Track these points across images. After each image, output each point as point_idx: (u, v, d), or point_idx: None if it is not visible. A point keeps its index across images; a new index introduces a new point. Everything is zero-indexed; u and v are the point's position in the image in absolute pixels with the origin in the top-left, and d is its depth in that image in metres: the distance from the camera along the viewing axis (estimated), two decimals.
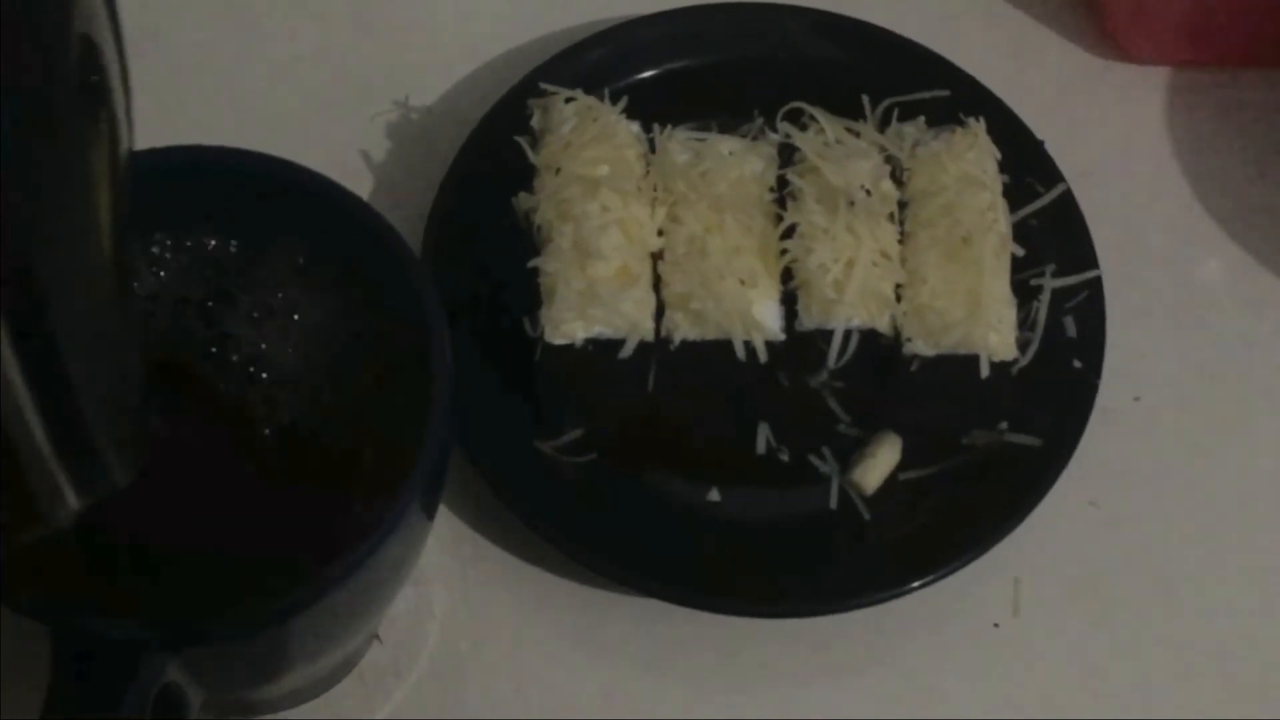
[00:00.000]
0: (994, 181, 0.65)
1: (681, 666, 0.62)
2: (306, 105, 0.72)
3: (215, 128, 0.56)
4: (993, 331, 0.62)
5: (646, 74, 0.70)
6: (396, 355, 0.51)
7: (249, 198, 0.52)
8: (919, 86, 0.69)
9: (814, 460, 0.63)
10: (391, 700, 0.61)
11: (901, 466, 0.63)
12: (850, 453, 0.63)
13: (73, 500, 0.35)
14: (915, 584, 0.60)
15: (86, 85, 0.33)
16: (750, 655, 0.62)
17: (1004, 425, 0.63)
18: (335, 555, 0.47)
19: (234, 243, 0.53)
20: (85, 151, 0.34)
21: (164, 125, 0.69)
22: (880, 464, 0.63)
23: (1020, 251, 0.65)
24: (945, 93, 0.69)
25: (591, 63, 0.69)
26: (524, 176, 0.65)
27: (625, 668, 0.62)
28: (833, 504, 0.63)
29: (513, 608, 0.62)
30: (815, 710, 0.61)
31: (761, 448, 0.64)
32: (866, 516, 0.62)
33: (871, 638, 0.62)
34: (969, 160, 0.64)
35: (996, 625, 0.63)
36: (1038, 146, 0.68)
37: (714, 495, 0.63)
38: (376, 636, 0.61)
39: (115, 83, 0.35)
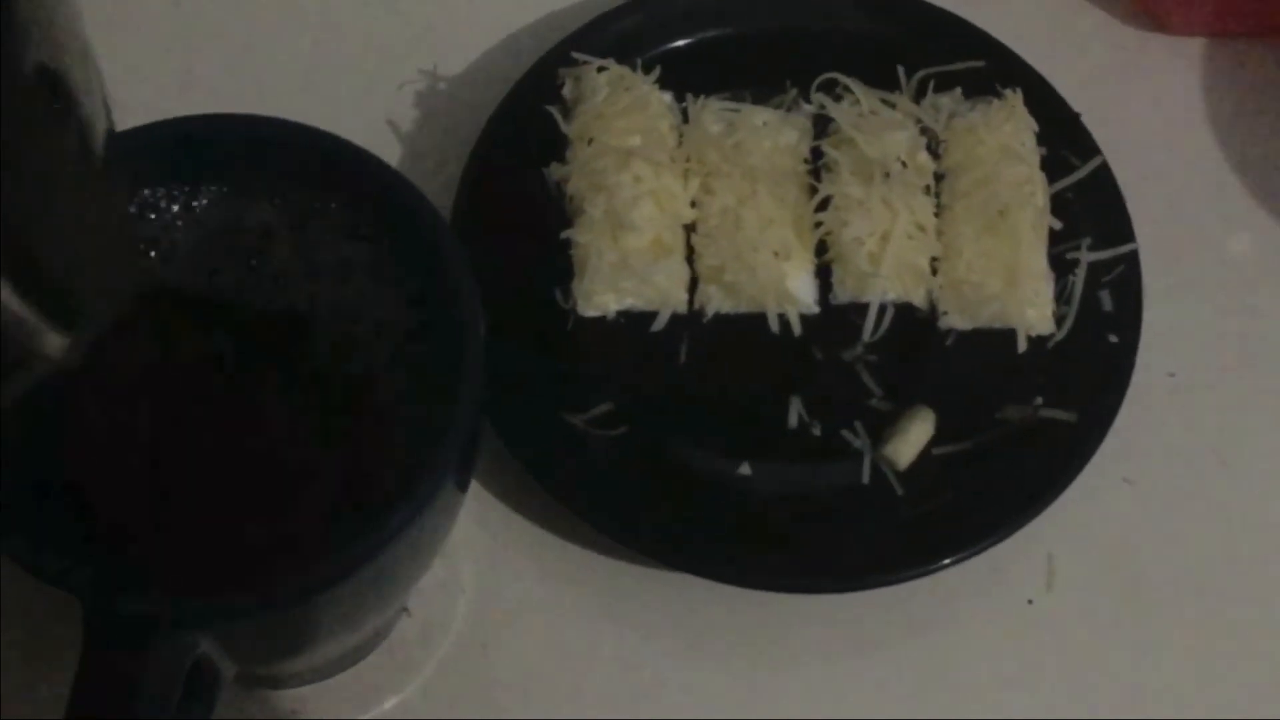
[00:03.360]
0: (1031, 154, 0.64)
1: (710, 641, 0.62)
2: (334, 74, 0.71)
3: (243, 96, 0.56)
4: (1030, 305, 0.62)
5: (678, 43, 0.69)
6: (427, 327, 0.51)
7: (282, 165, 0.52)
8: (954, 58, 0.68)
9: (846, 435, 0.63)
10: (420, 672, 0.60)
11: (935, 441, 0.63)
12: (883, 427, 0.63)
13: (55, 339, 0.35)
14: (948, 560, 0.60)
15: None
16: (780, 630, 0.62)
17: (1039, 400, 0.63)
18: (369, 528, 0.46)
19: (265, 209, 0.52)
20: None
21: (193, 92, 0.70)
22: (913, 439, 0.62)
23: (1057, 225, 0.64)
24: (980, 64, 0.68)
25: (623, 31, 0.68)
26: (554, 147, 0.65)
27: (654, 642, 0.61)
28: (865, 479, 0.62)
29: (541, 581, 0.62)
30: (846, 686, 0.61)
31: (793, 422, 0.63)
32: (899, 492, 0.62)
33: (904, 613, 0.62)
34: (1006, 132, 0.64)
35: (1030, 601, 0.62)
36: (1074, 119, 0.68)
37: (745, 469, 0.62)
38: (406, 609, 0.60)
39: None
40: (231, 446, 0.49)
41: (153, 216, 0.52)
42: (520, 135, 0.66)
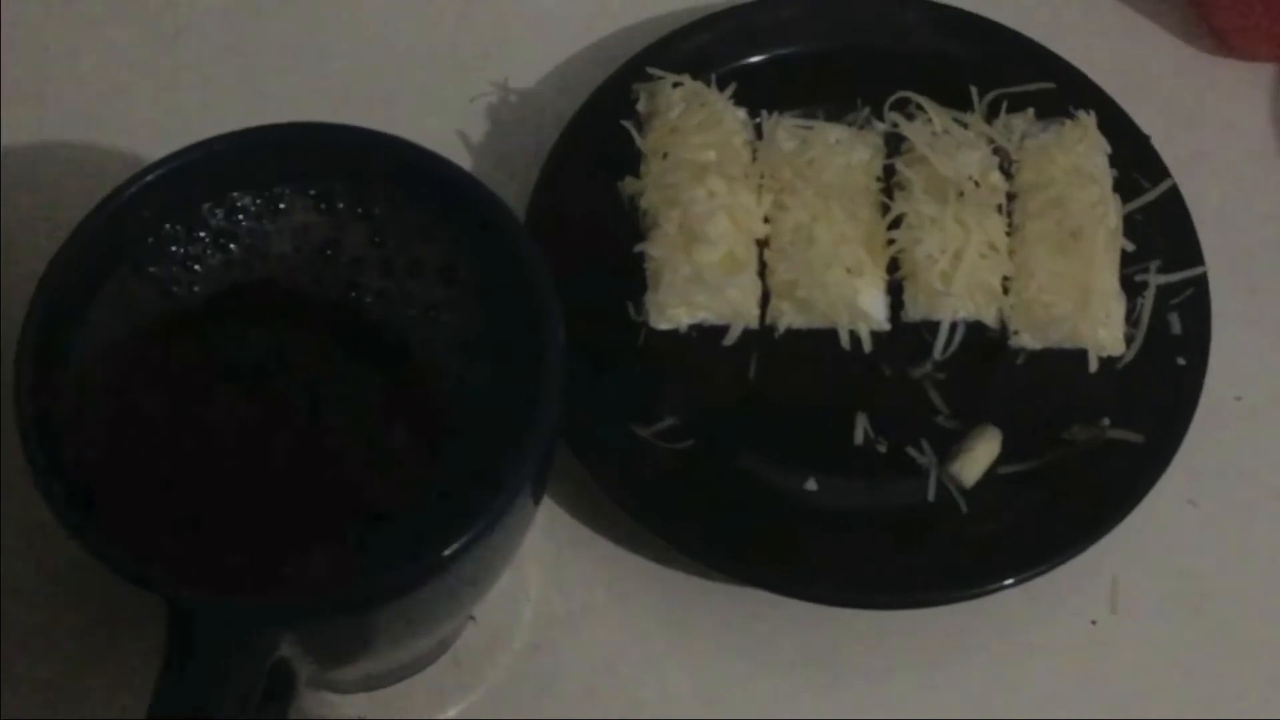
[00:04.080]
0: (1104, 175, 0.65)
1: (770, 653, 0.62)
2: (406, 85, 0.72)
3: (317, 105, 0.57)
4: (1101, 326, 0.62)
5: (751, 60, 0.70)
6: (507, 338, 0.51)
7: (363, 171, 0.53)
8: (1025, 79, 0.68)
9: (912, 452, 0.63)
10: (485, 680, 0.61)
11: (1001, 460, 0.63)
12: (949, 445, 0.63)
13: None
14: (1012, 579, 0.60)
15: None
16: (841, 645, 0.62)
17: (1106, 421, 0.63)
18: (446, 537, 0.47)
19: (345, 214, 0.53)
20: None
21: (270, 101, 0.70)
22: (980, 457, 0.63)
23: (1130, 246, 0.64)
24: (1050, 86, 0.68)
25: (697, 47, 0.69)
26: (626, 160, 0.65)
27: (716, 654, 0.62)
28: (930, 496, 0.62)
29: (605, 591, 0.63)
30: (905, 703, 0.61)
31: (859, 438, 0.63)
32: (964, 510, 0.62)
33: (967, 632, 0.62)
34: (1079, 153, 0.64)
35: (1094, 622, 0.63)
36: (1144, 141, 0.68)
37: (811, 484, 0.63)
38: (472, 617, 0.61)
39: None
40: (310, 449, 0.50)
41: (240, 218, 0.53)
42: (592, 149, 0.66)
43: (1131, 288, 0.65)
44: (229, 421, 0.50)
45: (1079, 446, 0.63)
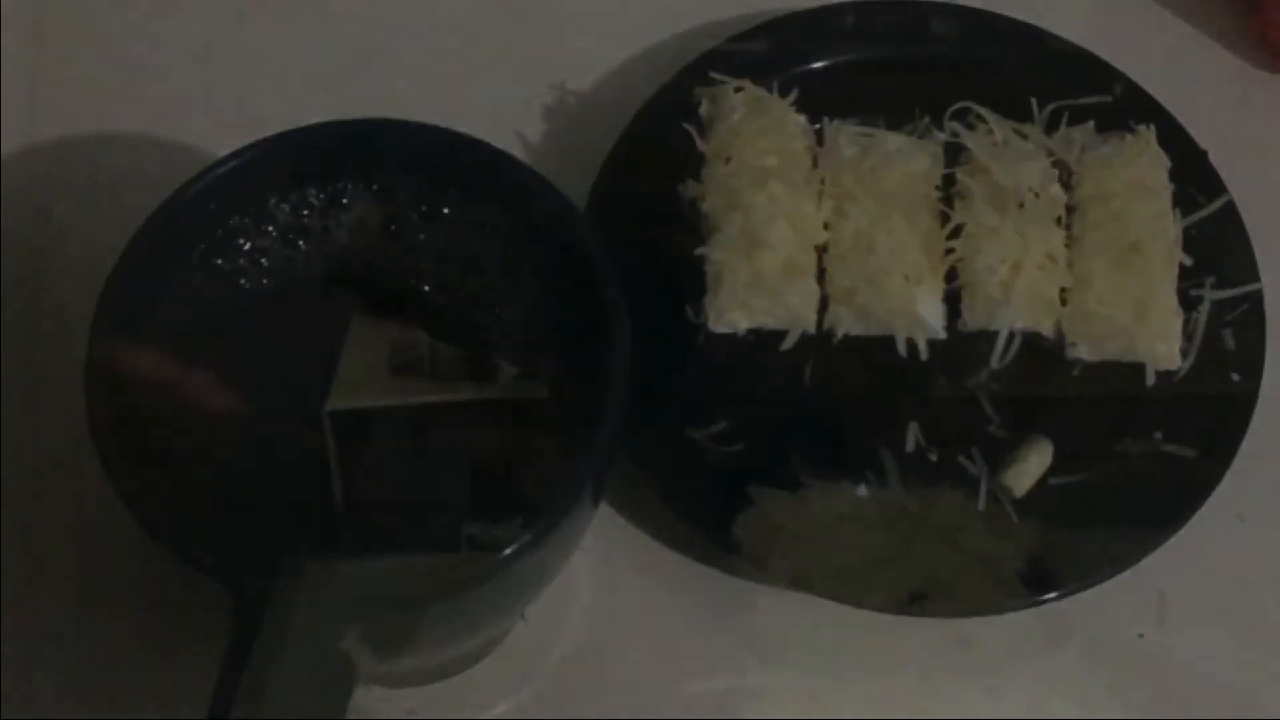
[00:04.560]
0: (1163, 190, 0.65)
1: (818, 657, 0.62)
2: (465, 86, 0.72)
3: (375, 104, 0.57)
4: (1159, 340, 0.62)
5: (812, 66, 0.70)
6: (566, 337, 0.51)
7: (430, 169, 0.53)
8: (1083, 92, 0.68)
9: (963, 461, 0.63)
10: (533, 679, 0.61)
11: (1052, 471, 0.63)
12: (1000, 455, 0.63)
13: None
14: (1061, 591, 0.60)
15: None
16: (889, 653, 0.62)
17: (1158, 435, 0.63)
18: (506, 538, 0.47)
19: (410, 206, 0.53)
20: None
21: (329, 99, 0.71)
22: (1031, 468, 0.63)
23: (1188, 261, 0.64)
24: (1109, 99, 0.68)
25: (757, 53, 0.69)
26: (684, 163, 0.65)
27: (764, 656, 0.62)
28: (980, 506, 0.62)
29: (654, 591, 0.63)
30: (952, 712, 0.61)
31: (910, 446, 0.63)
32: (1014, 519, 0.62)
33: (1013, 642, 0.62)
34: (1140, 167, 0.64)
35: (1141, 635, 0.63)
36: (1201, 157, 0.68)
37: (861, 491, 0.63)
38: (522, 615, 0.61)
39: None
40: (376, 445, 0.50)
41: (305, 212, 0.53)
42: (651, 152, 0.67)
43: (1185, 302, 0.65)
44: (291, 414, 0.50)
45: (1130, 460, 0.63)
